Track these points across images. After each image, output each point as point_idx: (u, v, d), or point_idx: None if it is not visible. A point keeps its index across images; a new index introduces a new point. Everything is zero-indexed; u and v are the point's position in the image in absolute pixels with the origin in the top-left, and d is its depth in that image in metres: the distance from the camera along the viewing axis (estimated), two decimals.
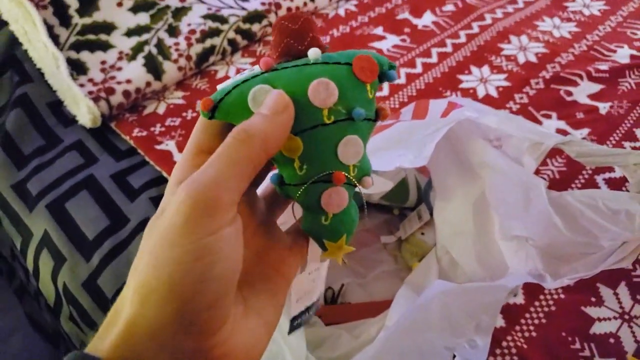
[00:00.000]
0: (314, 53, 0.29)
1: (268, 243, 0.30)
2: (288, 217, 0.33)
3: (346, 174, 0.29)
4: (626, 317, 0.58)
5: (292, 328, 0.36)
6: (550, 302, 0.60)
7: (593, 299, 0.60)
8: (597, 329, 0.57)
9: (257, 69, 0.29)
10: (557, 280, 0.47)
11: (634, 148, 0.77)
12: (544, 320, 0.58)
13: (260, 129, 0.26)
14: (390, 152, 0.52)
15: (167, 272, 0.22)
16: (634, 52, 0.92)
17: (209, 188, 0.23)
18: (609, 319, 0.58)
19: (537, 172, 0.60)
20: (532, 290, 0.60)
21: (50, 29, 0.86)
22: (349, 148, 0.29)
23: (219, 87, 0.29)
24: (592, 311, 0.59)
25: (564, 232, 0.51)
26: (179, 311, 0.22)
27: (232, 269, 0.24)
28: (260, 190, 0.33)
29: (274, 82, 0.28)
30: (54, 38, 0.86)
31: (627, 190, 0.70)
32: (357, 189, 0.30)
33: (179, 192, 0.23)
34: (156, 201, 0.71)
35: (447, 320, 0.45)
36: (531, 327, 0.58)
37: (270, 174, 0.31)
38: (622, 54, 0.92)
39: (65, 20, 0.88)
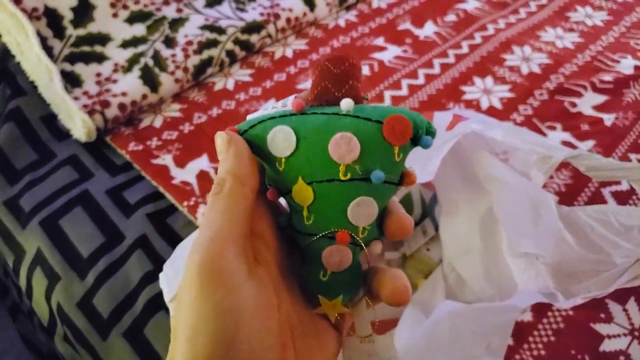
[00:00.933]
0: (346, 105, 0.28)
1: (307, 320, 0.30)
2: None
3: (352, 234, 0.28)
4: (636, 333, 0.57)
5: None
6: (559, 319, 0.58)
7: (602, 316, 0.58)
8: (607, 346, 0.56)
9: (289, 103, 0.29)
10: (570, 300, 0.46)
11: None
12: (552, 338, 0.57)
13: (222, 171, 0.26)
14: None
15: (201, 343, 0.23)
16: (638, 63, 0.91)
17: (209, 249, 0.24)
18: (619, 335, 0.57)
19: (543, 185, 0.59)
20: (540, 307, 0.59)
21: (43, 40, 0.85)
22: (361, 209, 0.28)
23: (249, 117, 0.29)
24: (601, 328, 0.57)
25: (576, 249, 0.50)
26: None
27: (261, 327, 0.24)
28: None
29: (298, 127, 0.27)
30: (48, 50, 0.84)
31: (636, 204, 0.68)
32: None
33: (187, 262, 0.24)
34: (152, 217, 0.69)
35: (457, 342, 0.43)
36: (540, 345, 0.56)
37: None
38: (626, 65, 0.91)
39: (59, 32, 0.87)
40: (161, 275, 0.47)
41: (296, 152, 0.27)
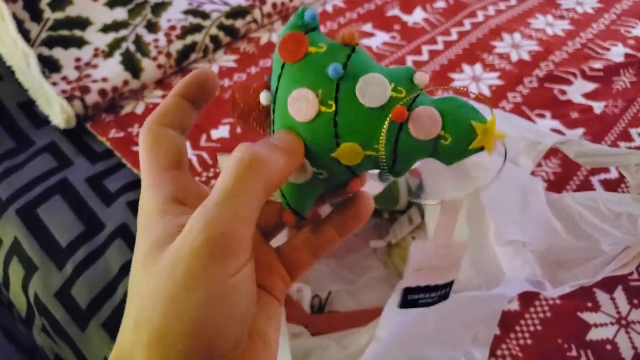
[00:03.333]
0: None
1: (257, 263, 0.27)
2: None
3: None
4: (623, 322, 0.56)
5: (404, 303, 0.33)
6: (546, 308, 0.58)
7: (589, 304, 0.58)
8: (594, 335, 0.56)
9: None
10: (558, 288, 0.45)
11: (630, 147, 0.75)
12: (539, 327, 0.56)
13: (274, 162, 0.24)
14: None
15: (190, 317, 0.21)
16: (628, 51, 0.90)
17: (229, 228, 0.21)
18: (606, 324, 0.57)
19: (531, 173, 0.58)
20: (527, 295, 0.58)
21: (20, 23, 0.82)
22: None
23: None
24: (588, 317, 0.57)
25: (564, 236, 0.49)
26: (207, 357, 0.21)
27: (252, 304, 0.23)
28: None
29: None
30: (24, 34, 0.82)
31: (624, 192, 0.68)
32: None
33: (193, 232, 0.21)
34: (133, 205, 0.68)
35: (443, 332, 0.42)
36: (526, 335, 0.56)
37: None
38: (616, 52, 0.90)
39: (36, 15, 0.84)
40: None
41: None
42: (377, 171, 0.27)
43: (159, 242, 0.23)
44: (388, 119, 0.25)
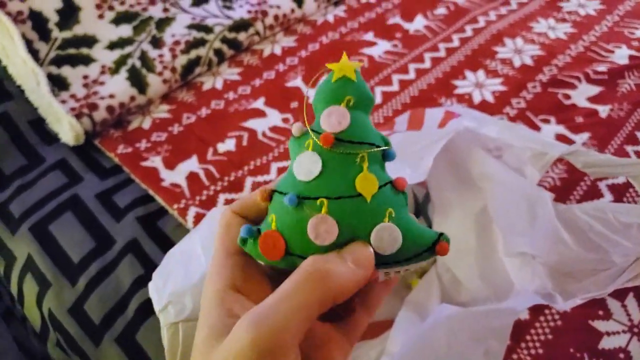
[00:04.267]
0: None
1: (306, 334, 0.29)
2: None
3: None
4: (635, 330, 0.56)
5: None
6: (557, 317, 0.57)
7: (601, 312, 0.57)
8: (606, 343, 0.55)
9: None
10: (569, 301, 0.45)
11: (637, 152, 0.74)
12: (550, 336, 0.56)
13: (342, 277, 0.25)
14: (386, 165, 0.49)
15: None
16: (633, 53, 0.90)
17: (277, 336, 0.22)
18: (618, 332, 0.56)
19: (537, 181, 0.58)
20: (537, 305, 0.57)
21: (29, 43, 0.83)
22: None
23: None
24: (600, 325, 0.56)
25: (573, 248, 0.49)
26: None
27: None
28: None
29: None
30: (34, 53, 0.83)
31: (635, 201, 0.68)
32: None
33: (242, 333, 0.22)
34: (143, 221, 0.68)
35: (455, 347, 0.43)
36: (537, 344, 0.55)
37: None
38: (620, 55, 0.90)
39: (44, 35, 0.85)
40: (150, 284, 0.46)
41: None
42: None
43: (215, 330, 0.24)
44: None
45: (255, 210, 0.30)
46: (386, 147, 0.30)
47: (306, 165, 0.28)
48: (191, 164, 0.75)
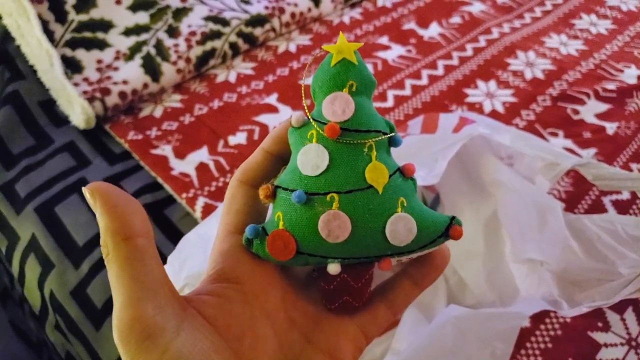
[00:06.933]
0: None
1: (315, 320, 0.29)
2: None
3: None
4: (633, 343, 0.57)
5: None
6: (557, 326, 0.58)
7: (600, 324, 0.58)
8: (604, 355, 0.56)
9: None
10: (575, 309, 0.45)
11: None
12: (549, 345, 0.56)
13: (101, 231, 0.24)
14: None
15: None
16: None
17: (122, 319, 0.22)
18: (616, 345, 0.57)
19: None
20: (538, 313, 0.58)
21: (45, 24, 0.83)
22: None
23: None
24: (598, 336, 0.57)
25: (581, 257, 0.50)
26: None
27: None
28: None
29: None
30: (49, 34, 0.83)
31: (637, 214, 0.68)
32: None
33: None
34: (150, 208, 0.68)
35: (461, 348, 0.43)
36: (537, 352, 0.56)
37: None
38: (629, 74, 0.91)
39: (61, 16, 0.85)
40: (166, 267, 0.46)
41: None
42: None
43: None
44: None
45: (261, 173, 0.28)
46: (393, 134, 0.28)
47: (312, 159, 0.27)
48: (201, 155, 0.75)
